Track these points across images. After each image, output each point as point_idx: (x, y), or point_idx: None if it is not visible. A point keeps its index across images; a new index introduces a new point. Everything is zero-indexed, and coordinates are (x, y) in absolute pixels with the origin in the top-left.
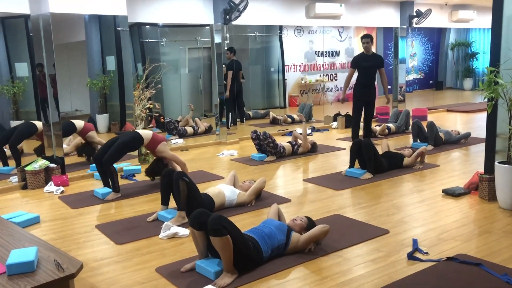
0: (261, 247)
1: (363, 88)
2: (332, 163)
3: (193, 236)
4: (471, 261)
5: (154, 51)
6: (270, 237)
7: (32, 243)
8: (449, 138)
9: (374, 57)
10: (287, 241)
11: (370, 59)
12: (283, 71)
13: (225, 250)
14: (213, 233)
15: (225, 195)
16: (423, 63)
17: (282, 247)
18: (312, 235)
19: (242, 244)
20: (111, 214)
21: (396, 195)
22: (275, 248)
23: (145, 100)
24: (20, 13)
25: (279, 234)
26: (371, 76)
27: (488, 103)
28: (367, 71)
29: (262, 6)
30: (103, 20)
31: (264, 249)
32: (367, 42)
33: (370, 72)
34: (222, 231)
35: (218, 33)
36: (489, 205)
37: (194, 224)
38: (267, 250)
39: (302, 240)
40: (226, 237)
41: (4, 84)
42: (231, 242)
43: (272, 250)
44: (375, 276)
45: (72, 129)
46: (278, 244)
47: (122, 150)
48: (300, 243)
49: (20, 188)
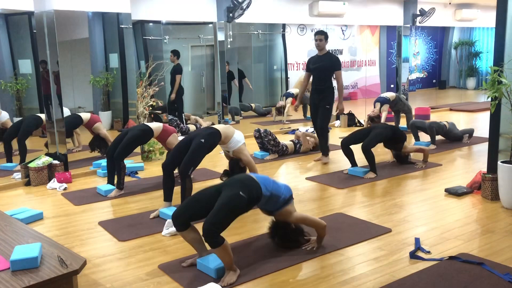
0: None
1: (314, 93)
2: (334, 161)
3: (183, 237)
4: (473, 260)
5: (157, 48)
6: (275, 184)
7: (36, 239)
8: (452, 129)
9: (326, 57)
10: (285, 203)
11: (321, 59)
12: (286, 69)
13: (225, 256)
14: (212, 246)
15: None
16: (426, 62)
17: (279, 201)
18: (307, 218)
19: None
20: (114, 211)
21: (398, 194)
22: (274, 193)
23: (148, 98)
24: (24, 10)
25: (285, 190)
26: (322, 79)
27: (492, 103)
28: (318, 73)
29: (265, 4)
30: (107, 17)
31: (263, 189)
32: (319, 39)
33: (321, 75)
34: (219, 241)
35: (221, 31)
36: (491, 205)
37: (177, 227)
38: (266, 191)
39: (296, 214)
40: (223, 245)
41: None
42: (229, 247)
43: (271, 194)
44: (377, 275)
45: (78, 122)
46: (278, 195)
47: (132, 144)
48: (293, 216)
49: (24, 185)
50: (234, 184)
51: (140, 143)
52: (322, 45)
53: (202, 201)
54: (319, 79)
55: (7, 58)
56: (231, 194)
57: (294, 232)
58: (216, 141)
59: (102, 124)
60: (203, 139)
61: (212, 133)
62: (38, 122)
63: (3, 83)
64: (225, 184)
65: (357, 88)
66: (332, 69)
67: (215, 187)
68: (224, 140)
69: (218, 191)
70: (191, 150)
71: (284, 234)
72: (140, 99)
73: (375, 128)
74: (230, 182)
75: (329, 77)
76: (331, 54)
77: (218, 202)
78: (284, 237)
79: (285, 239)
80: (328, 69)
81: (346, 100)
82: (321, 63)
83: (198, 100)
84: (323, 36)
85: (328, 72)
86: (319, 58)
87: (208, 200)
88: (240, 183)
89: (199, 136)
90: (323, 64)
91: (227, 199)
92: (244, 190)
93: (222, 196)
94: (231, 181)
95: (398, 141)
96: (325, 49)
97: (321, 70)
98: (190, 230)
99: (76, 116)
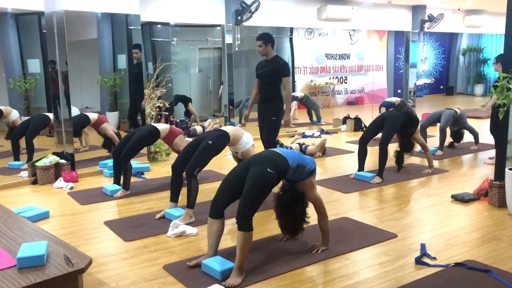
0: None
1: (261, 103)
2: (340, 166)
3: (209, 225)
4: (479, 267)
5: (165, 50)
6: (301, 155)
7: (42, 238)
8: (463, 116)
9: (272, 62)
10: (310, 174)
11: (268, 64)
12: (293, 73)
13: (245, 246)
14: (242, 228)
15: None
16: (434, 68)
17: (305, 171)
18: (321, 201)
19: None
20: (120, 211)
21: (404, 200)
22: (300, 164)
23: (155, 99)
24: (34, 10)
25: (310, 162)
26: (268, 86)
27: (500, 109)
28: (263, 79)
29: (274, 8)
30: (116, 18)
31: (290, 162)
32: (259, 45)
33: (266, 82)
34: (250, 225)
35: (229, 34)
36: (498, 212)
37: (212, 214)
38: (293, 163)
39: (316, 191)
40: (250, 233)
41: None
42: (251, 240)
43: (298, 165)
44: (382, 280)
45: (86, 122)
46: (304, 165)
47: (139, 144)
48: (313, 191)
49: (30, 183)
50: (261, 160)
51: (147, 144)
52: (263, 51)
53: (233, 182)
54: (265, 86)
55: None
56: (260, 172)
57: (302, 202)
58: (224, 143)
59: (109, 124)
60: (211, 141)
61: (221, 135)
62: (46, 122)
63: (12, 82)
64: (252, 161)
65: (364, 92)
66: (279, 75)
67: (243, 165)
68: (233, 142)
69: (246, 170)
70: (199, 151)
71: (295, 193)
72: (147, 100)
73: (388, 117)
74: (257, 159)
75: (276, 84)
76: (279, 59)
77: (248, 182)
78: (294, 196)
79: (293, 201)
80: (275, 75)
81: (353, 104)
82: (267, 68)
83: (205, 103)
84: (262, 41)
85: (274, 78)
86: (266, 62)
87: (239, 181)
88: (267, 158)
89: (208, 138)
90: (269, 69)
91: (256, 178)
92: (271, 166)
93: (251, 175)
94: (257, 157)
95: (413, 124)
96: (272, 53)
97: (267, 75)
98: (220, 222)
99: (84, 116)
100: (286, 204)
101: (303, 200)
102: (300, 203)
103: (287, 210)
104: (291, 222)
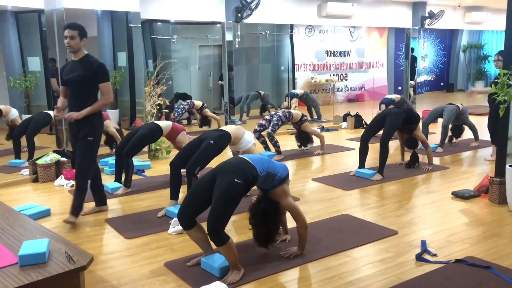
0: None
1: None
2: (341, 163)
3: (189, 236)
4: (480, 264)
5: (165, 48)
6: (271, 162)
7: (44, 235)
8: (465, 112)
9: (84, 63)
10: (281, 182)
11: (76, 68)
12: (293, 70)
13: (230, 253)
14: (217, 244)
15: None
16: (434, 64)
17: (275, 179)
18: (297, 208)
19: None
20: (121, 208)
21: (405, 196)
22: (270, 172)
23: (156, 97)
24: (34, 8)
25: (281, 169)
26: (79, 97)
27: (501, 106)
28: (72, 88)
29: (274, 5)
30: (116, 16)
31: (259, 169)
32: (70, 36)
33: (78, 91)
34: (224, 239)
35: (229, 31)
36: (499, 208)
37: (183, 226)
38: (262, 171)
39: (290, 199)
40: (228, 244)
41: (17, 78)
42: (233, 246)
43: (268, 174)
44: (383, 276)
45: None
46: (274, 173)
47: (142, 142)
48: (287, 199)
49: (31, 181)
50: (228, 169)
51: (149, 141)
52: (75, 44)
53: (201, 193)
54: (74, 97)
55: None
56: (227, 183)
57: (276, 212)
58: (225, 143)
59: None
60: (212, 141)
61: (222, 135)
62: (47, 119)
63: (12, 80)
64: (219, 170)
65: (365, 90)
66: (92, 82)
67: (209, 175)
68: (234, 141)
69: (213, 179)
70: (200, 150)
71: (268, 205)
72: (147, 98)
73: (388, 114)
74: (224, 167)
75: (90, 93)
76: (90, 59)
77: (215, 194)
78: (267, 208)
79: (267, 211)
80: (86, 81)
81: (353, 101)
82: (75, 73)
83: (205, 100)
84: (77, 31)
85: (86, 86)
86: (74, 65)
87: (206, 191)
88: (235, 167)
89: (209, 138)
90: (78, 75)
91: (224, 189)
92: (239, 176)
93: (218, 186)
94: (224, 165)
95: (414, 121)
96: (83, 51)
97: (77, 82)
98: (196, 229)
99: None
100: (257, 215)
101: (276, 211)
102: (273, 215)
103: (258, 221)
104: (262, 234)
